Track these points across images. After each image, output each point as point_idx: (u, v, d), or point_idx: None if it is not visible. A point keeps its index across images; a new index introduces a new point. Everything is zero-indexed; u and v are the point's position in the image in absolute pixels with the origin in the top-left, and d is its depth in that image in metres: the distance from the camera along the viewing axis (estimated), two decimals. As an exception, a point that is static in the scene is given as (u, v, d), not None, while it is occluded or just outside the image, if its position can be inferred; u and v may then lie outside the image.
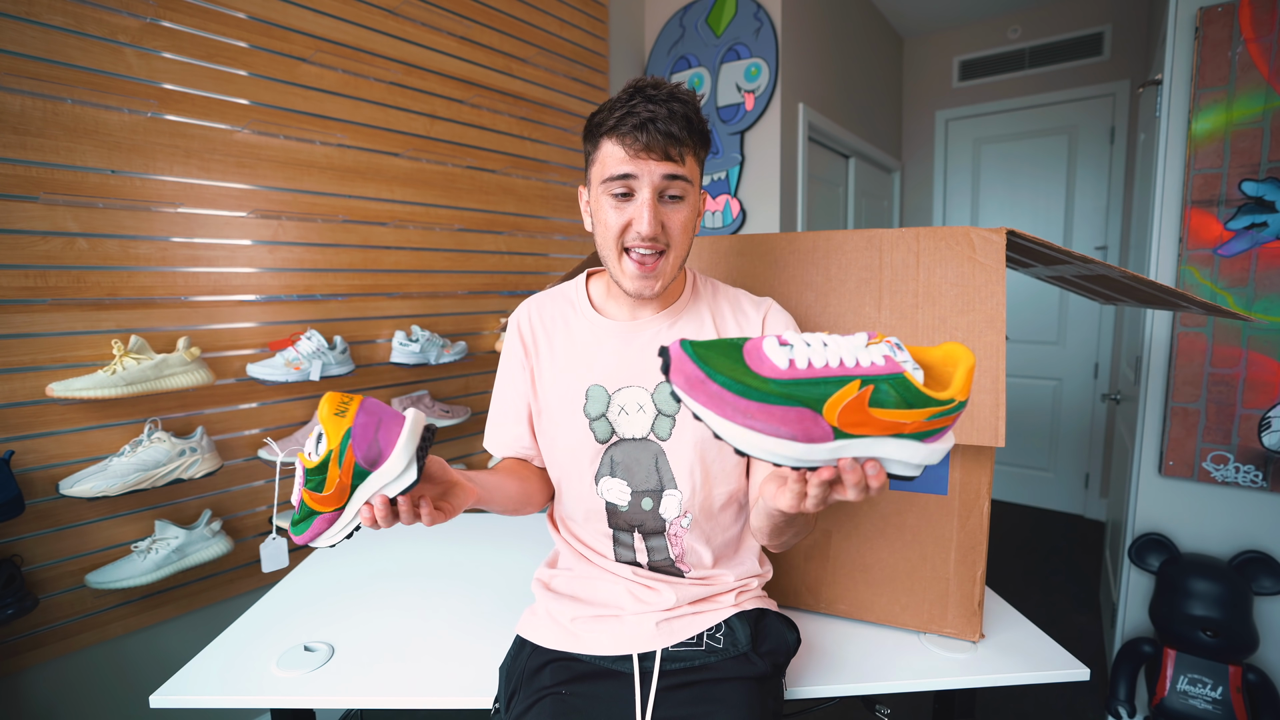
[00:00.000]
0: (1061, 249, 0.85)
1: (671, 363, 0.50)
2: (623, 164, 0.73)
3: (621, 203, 0.75)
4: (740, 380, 0.48)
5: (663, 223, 0.75)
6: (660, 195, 0.74)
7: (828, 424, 0.47)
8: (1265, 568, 1.43)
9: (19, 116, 1.17)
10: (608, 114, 0.74)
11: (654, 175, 0.73)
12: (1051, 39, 3.13)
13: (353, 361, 1.62)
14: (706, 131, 0.77)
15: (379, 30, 1.70)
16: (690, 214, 0.77)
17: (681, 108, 0.73)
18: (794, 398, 0.47)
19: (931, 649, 0.93)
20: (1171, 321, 1.53)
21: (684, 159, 0.74)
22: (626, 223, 0.75)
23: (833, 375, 0.48)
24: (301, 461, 0.61)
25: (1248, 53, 1.40)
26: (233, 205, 1.46)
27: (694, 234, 0.81)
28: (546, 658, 0.78)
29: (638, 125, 0.71)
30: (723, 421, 0.48)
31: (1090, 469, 3.20)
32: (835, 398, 0.47)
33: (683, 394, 0.49)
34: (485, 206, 2.00)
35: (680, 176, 0.74)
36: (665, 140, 0.71)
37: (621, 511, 0.83)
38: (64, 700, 1.28)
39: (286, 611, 1.04)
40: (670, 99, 0.73)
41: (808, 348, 0.49)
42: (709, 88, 2.46)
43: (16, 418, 1.19)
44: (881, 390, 0.47)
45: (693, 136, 0.74)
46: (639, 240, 0.74)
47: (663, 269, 0.77)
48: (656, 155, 0.72)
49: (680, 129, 0.72)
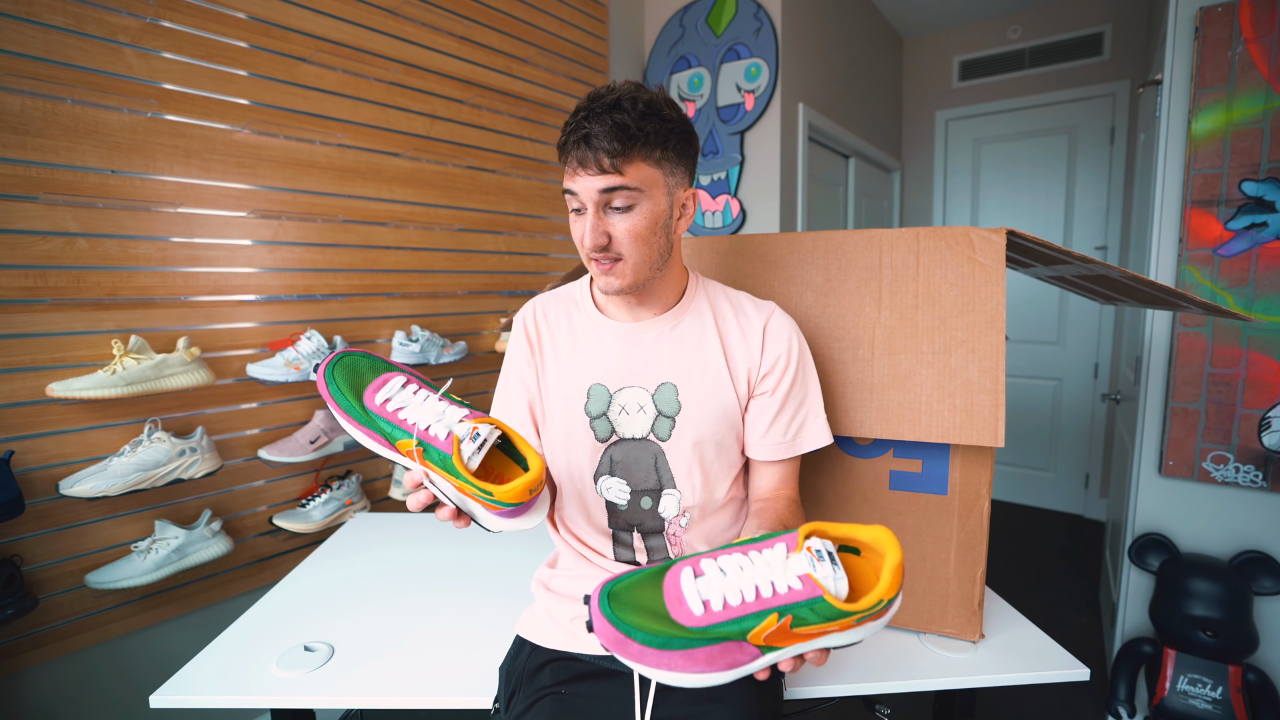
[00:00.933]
0: (1061, 249, 0.85)
1: (594, 625, 0.52)
2: (569, 180, 0.75)
3: (577, 217, 0.77)
4: (660, 633, 0.50)
5: (609, 233, 0.75)
6: (604, 207, 0.75)
7: (753, 647, 0.50)
8: (1265, 568, 1.43)
9: (19, 116, 1.17)
10: (561, 133, 0.76)
11: (590, 190, 0.73)
12: (1051, 39, 3.13)
13: (353, 361, 1.62)
14: (666, 129, 0.74)
15: (379, 30, 1.71)
16: (644, 220, 0.75)
17: (620, 117, 0.71)
18: (716, 637, 0.49)
19: (931, 649, 0.93)
20: (1171, 321, 1.53)
21: (622, 169, 0.72)
22: (580, 237, 0.77)
23: (750, 612, 0.49)
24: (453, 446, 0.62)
25: (1248, 53, 1.40)
26: (233, 205, 1.46)
27: (662, 237, 0.77)
28: (546, 657, 0.79)
29: (575, 143, 0.73)
30: (654, 670, 0.50)
31: (1090, 469, 3.20)
32: (756, 630, 0.49)
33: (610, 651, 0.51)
34: (485, 206, 2.00)
35: (621, 187, 0.72)
36: (597, 154, 0.71)
37: (621, 510, 0.83)
38: (64, 700, 1.28)
39: (286, 611, 1.04)
40: (611, 109, 0.71)
41: (723, 577, 0.51)
42: (709, 88, 2.46)
43: (16, 418, 1.19)
44: (801, 615, 0.49)
45: (633, 144, 0.71)
46: (590, 251, 0.76)
47: (620, 271, 0.77)
48: (591, 170, 0.72)
49: (615, 140, 0.70)
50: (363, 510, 1.64)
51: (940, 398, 0.88)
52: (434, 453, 0.62)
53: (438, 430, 0.63)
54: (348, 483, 1.62)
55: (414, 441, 0.62)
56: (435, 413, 0.64)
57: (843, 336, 0.95)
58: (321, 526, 1.54)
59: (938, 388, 0.89)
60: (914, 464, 0.95)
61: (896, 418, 0.91)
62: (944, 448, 0.93)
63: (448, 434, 0.62)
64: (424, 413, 0.64)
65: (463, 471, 0.61)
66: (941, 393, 0.88)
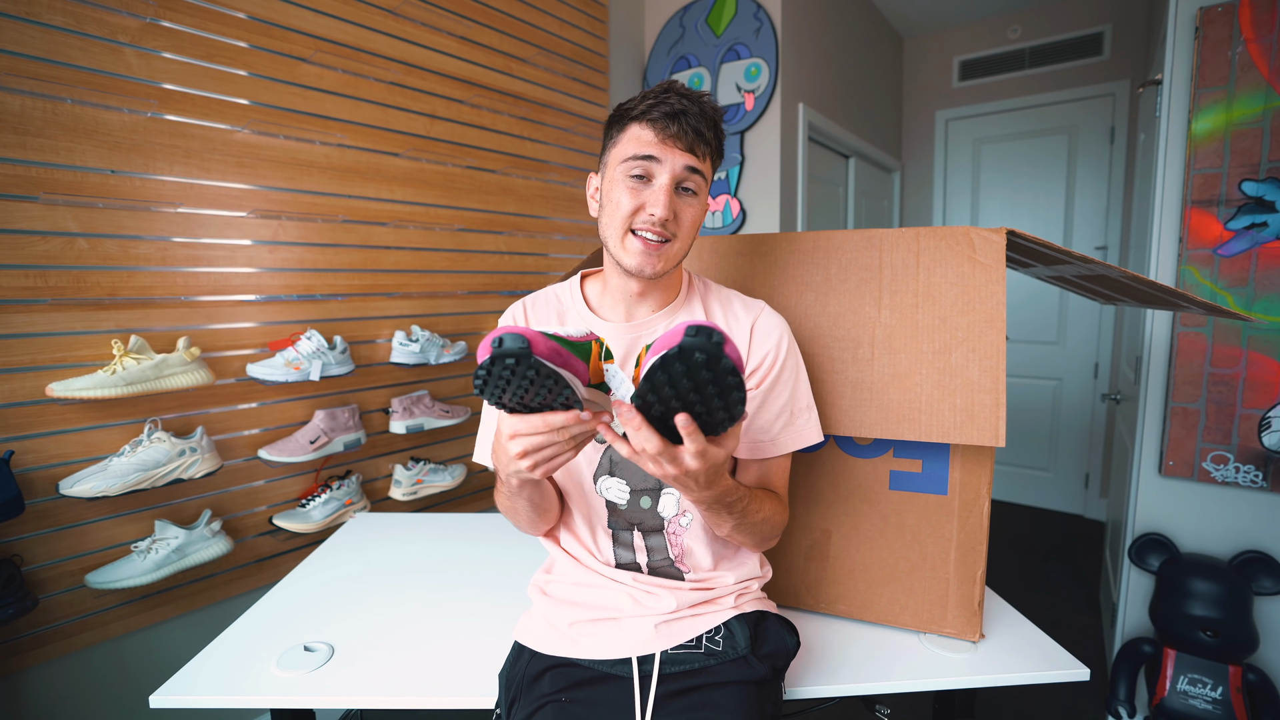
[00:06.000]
0: (1061, 249, 0.85)
1: None
2: (649, 146, 0.75)
3: (637, 185, 0.77)
4: None
5: (675, 212, 0.77)
6: (677, 185, 0.77)
7: None
8: (1265, 568, 1.43)
9: (19, 116, 1.17)
10: (639, 101, 0.77)
11: (676, 163, 0.75)
12: (1051, 39, 3.13)
13: (353, 361, 1.62)
14: (721, 140, 0.81)
15: (379, 30, 1.71)
16: (700, 211, 0.80)
17: (711, 111, 0.77)
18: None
19: (931, 649, 0.93)
20: (1171, 321, 1.53)
21: (705, 157, 0.78)
22: (639, 205, 0.76)
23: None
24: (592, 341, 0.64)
25: (1248, 52, 1.40)
26: (233, 205, 1.46)
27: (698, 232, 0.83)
28: (545, 664, 0.78)
29: (669, 114, 0.74)
30: None
31: (1090, 469, 3.20)
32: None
33: None
34: (485, 206, 2.00)
35: (699, 171, 0.77)
36: (693, 134, 0.75)
37: (621, 509, 0.83)
38: (64, 700, 1.28)
39: (286, 611, 1.04)
40: (701, 100, 0.77)
41: None
42: (709, 88, 2.46)
43: (16, 418, 1.19)
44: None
45: (715, 140, 0.78)
46: (649, 225, 0.76)
47: (666, 253, 0.78)
48: (682, 145, 0.75)
49: (707, 129, 0.76)
50: (363, 510, 1.64)
51: (940, 397, 0.88)
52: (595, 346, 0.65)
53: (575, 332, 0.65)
54: (348, 483, 1.62)
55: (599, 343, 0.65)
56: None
57: (842, 336, 0.95)
58: (321, 526, 1.54)
59: (938, 387, 0.89)
60: (914, 464, 0.95)
61: (896, 417, 0.91)
62: (944, 447, 0.93)
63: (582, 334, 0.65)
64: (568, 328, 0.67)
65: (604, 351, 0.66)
66: (941, 392, 0.88)
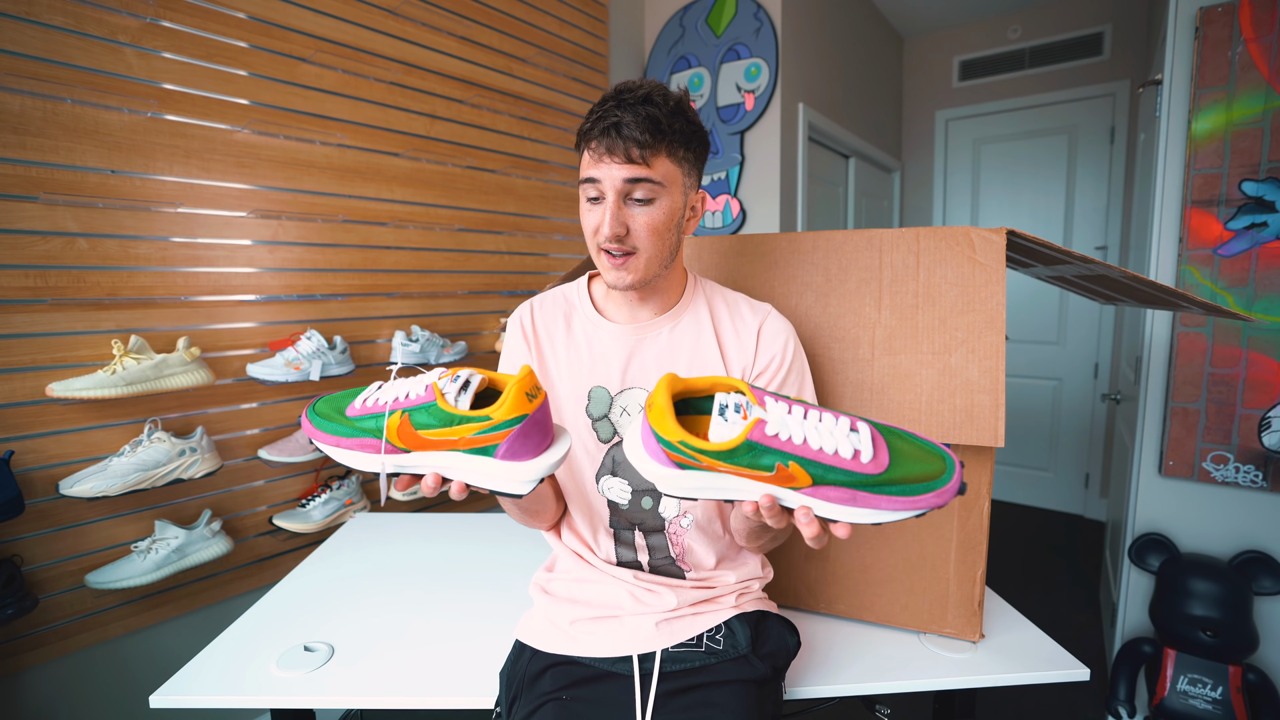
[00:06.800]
0: (1061, 249, 0.85)
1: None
2: (589, 167, 0.75)
3: (593, 205, 0.77)
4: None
5: (628, 225, 0.75)
6: (625, 198, 0.75)
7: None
8: (1265, 568, 1.43)
9: (19, 116, 1.17)
10: (586, 120, 0.76)
11: (615, 179, 0.74)
12: (1051, 39, 3.13)
13: (353, 361, 1.62)
14: (690, 130, 0.76)
15: (379, 30, 1.70)
16: (663, 214, 0.76)
17: (652, 110, 0.72)
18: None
19: (931, 649, 0.93)
20: (1171, 321, 1.53)
21: (649, 162, 0.73)
22: (596, 226, 0.76)
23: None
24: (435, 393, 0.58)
25: (1248, 52, 1.40)
26: (233, 205, 1.46)
27: (674, 234, 0.79)
28: (546, 662, 0.78)
29: (603, 130, 0.73)
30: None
31: (1090, 469, 3.20)
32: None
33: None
34: (485, 206, 2.00)
35: (645, 179, 0.73)
36: (627, 144, 0.72)
37: (623, 509, 0.83)
38: (64, 700, 1.28)
39: (286, 611, 1.04)
40: (642, 102, 0.73)
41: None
42: (709, 88, 2.46)
43: (16, 418, 1.19)
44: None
45: (662, 138, 0.73)
46: (605, 242, 0.76)
47: (631, 265, 0.77)
48: (618, 159, 0.73)
49: (646, 132, 0.72)
50: (363, 510, 1.64)
51: (940, 398, 0.88)
52: (419, 413, 0.58)
53: (416, 391, 0.60)
54: (348, 483, 1.62)
55: (398, 414, 0.59)
56: (413, 382, 0.61)
57: (843, 336, 0.95)
58: (321, 526, 1.54)
59: (938, 388, 0.89)
60: (914, 464, 0.95)
61: (896, 418, 0.91)
62: (944, 448, 0.93)
63: (426, 387, 0.59)
64: (401, 387, 0.61)
65: (449, 408, 0.58)
66: (941, 393, 0.88)
